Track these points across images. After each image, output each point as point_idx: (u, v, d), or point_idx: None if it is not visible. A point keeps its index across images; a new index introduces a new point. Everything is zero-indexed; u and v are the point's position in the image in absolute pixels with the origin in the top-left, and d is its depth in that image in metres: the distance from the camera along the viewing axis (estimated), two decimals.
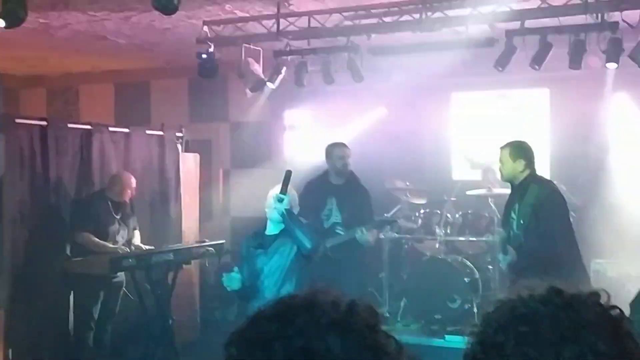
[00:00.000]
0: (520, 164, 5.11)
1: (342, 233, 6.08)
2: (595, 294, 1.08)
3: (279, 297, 1.13)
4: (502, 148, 5.25)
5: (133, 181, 6.55)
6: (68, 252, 6.25)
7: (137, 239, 6.66)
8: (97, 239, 6.24)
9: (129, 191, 6.49)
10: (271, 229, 4.56)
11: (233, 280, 4.46)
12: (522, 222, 5.01)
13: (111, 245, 6.30)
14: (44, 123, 6.37)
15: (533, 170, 5.18)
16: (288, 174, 4.45)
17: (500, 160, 5.21)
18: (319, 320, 1.05)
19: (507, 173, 5.19)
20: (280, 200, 4.40)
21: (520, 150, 5.18)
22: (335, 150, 6.19)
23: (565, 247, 5.01)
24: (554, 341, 1.01)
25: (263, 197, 4.74)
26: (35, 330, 6.10)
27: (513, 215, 5.14)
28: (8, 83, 10.21)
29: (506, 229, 5.33)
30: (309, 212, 6.06)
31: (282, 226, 4.50)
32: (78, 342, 6.35)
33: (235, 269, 4.54)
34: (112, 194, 6.45)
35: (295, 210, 4.67)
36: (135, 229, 6.73)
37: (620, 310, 1.07)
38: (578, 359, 0.99)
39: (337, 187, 6.17)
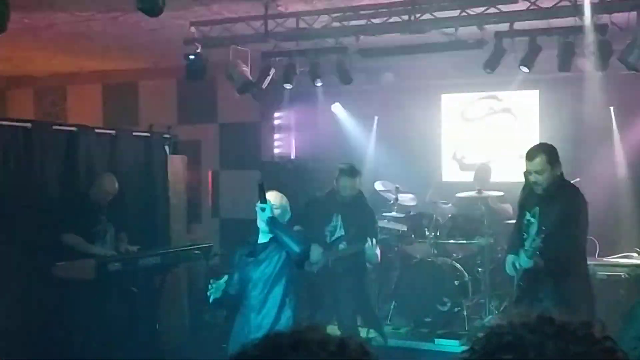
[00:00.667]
0: (558, 170, 4.73)
1: (344, 246, 6.02)
2: (588, 324, 1.03)
3: (265, 335, 1.07)
4: (534, 156, 4.74)
5: (115, 181, 6.47)
6: (54, 255, 6.17)
7: (124, 242, 6.59)
8: (83, 241, 6.17)
9: (110, 191, 6.41)
10: (262, 238, 4.53)
11: (218, 288, 4.42)
12: (544, 227, 4.65)
13: (97, 248, 6.23)
14: (28, 125, 6.29)
15: (562, 173, 4.81)
16: (260, 184, 4.40)
17: (537, 171, 4.71)
18: None
19: (549, 182, 4.72)
20: (263, 210, 4.37)
21: (556, 155, 4.76)
22: (342, 180, 6.00)
23: (579, 257, 4.83)
24: None
25: (252, 199, 4.68)
26: (21, 334, 6.02)
27: (531, 218, 4.82)
28: None
29: (519, 231, 4.98)
30: (313, 226, 5.98)
31: (271, 235, 4.46)
32: (64, 346, 6.27)
33: (225, 277, 4.50)
34: (95, 194, 6.39)
35: (287, 217, 4.61)
36: (121, 231, 6.66)
37: (613, 341, 1.02)
38: None
39: (343, 205, 6.05)
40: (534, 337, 1.00)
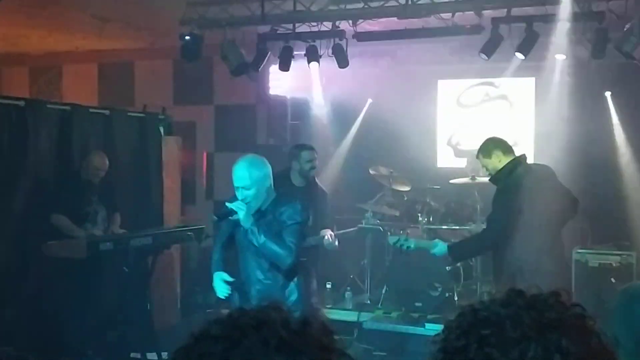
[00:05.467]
0: (496, 158, 4.90)
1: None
2: (557, 294, 1.06)
3: (229, 313, 1.07)
4: (476, 156, 5.08)
5: (105, 159, 6.43)
6: (45, 234, 6.16)
7: (115, 224, 6.59)
8: (70, 222, 6.16)
9: (100, 167, 6.38)
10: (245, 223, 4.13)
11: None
12: None
13: (82, 231, 6.21)
14: (21, 103, 6.26)
15: (510, 161, 4.89)
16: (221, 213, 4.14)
17: (482, 166, 5.06)
18: (268, 342, 1.00)
19: (491, 170, 4.96)
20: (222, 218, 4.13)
21: (489, 146, 4.96)
22: (304, 154, 5.99)
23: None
24: (517, 341, 0.99)
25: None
26: (11, 314, 6.03)
27: None
28: None
29: None
30: None
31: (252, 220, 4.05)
32: (56, 326, 6.29)
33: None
34: (86, 173, 6.37)
35: (267, 184, 4.08)
36: (115, 211, 6.65)
37: (582, 307, 1.05)
38: (542, 357, 0.97)
39: (299, 190, 5.93)
40: (508, 310, 1.02)
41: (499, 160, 4.90)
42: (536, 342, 0.98)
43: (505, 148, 4.95)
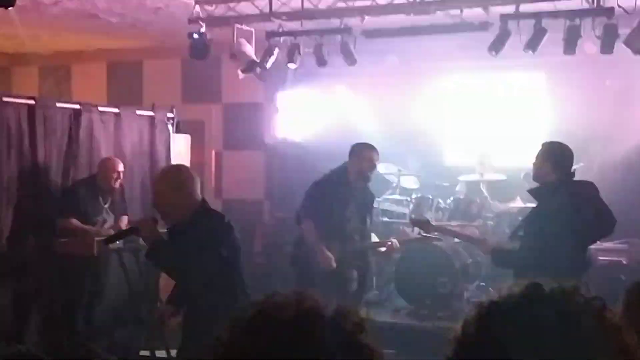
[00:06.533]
0: (544, 168, 4.56)
1: (358, 240, 5.89)
2: (576, 286, 1.05)
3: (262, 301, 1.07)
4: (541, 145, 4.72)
5: (120, 166, 6.47)
6: (55, 232, 6.19)
7: (123, 224, 6.61)
8: (79, 222, 6.19)
9: (115, 176, 6.41)
10: None
11: None
12: None
13: (94, 229, 6.24)
14: (32, 102, 6.30)
15: (561, 177, 4.54)
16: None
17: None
18: (304, 334, 1.00)
19: (534, 175, 4.69)
20: None
21: (545, 152, 4.62)
22: (365, 152, 5.71)
23: None
24: (535, 333, 0.97)
25: (255, 180, 4.66)
26: (21, 312, 6.06)
27: None
28: None
29: None
30: (331, 211, 5.67)
31: None
32: (65, 324, 6.31)
33: None
34: (100, 180, 6.40)
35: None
36: (124, 214, 6.68)
37: (603, 300, 1.04)
38: (561, 350, 0.96)
39: (356, 191, 5.77)
40: (527, 302, 1.01)
41: (544, 173, 4.60)
42: (554, 335, 0.97)
43: (560, 163, 4.56)
